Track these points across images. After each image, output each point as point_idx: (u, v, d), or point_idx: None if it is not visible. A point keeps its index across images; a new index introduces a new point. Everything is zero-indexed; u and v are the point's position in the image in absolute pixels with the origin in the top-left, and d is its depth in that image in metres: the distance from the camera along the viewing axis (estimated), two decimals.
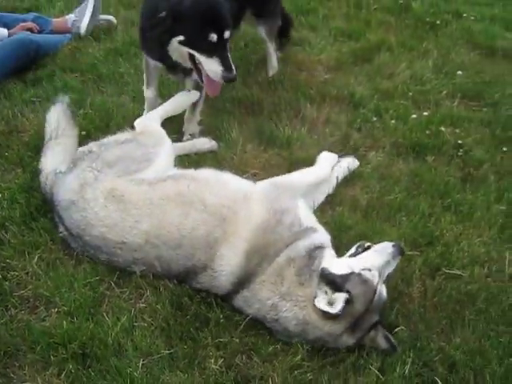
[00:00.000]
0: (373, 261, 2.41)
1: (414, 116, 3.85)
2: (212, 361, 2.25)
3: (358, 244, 2.56)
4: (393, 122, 3.79)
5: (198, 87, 3.41)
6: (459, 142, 3.63)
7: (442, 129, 3.73)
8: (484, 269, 2.79)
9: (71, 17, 4.52)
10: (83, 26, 4.47)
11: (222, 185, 2.73)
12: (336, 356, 2.32)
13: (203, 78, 3.13)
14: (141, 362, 2.22)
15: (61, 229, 2.73)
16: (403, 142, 3.61)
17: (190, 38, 2.96)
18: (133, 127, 3.32)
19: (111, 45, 4.42)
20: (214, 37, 2.91)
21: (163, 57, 3.20)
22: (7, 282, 2.56)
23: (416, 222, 3.00)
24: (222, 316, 2.42)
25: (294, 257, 2.44)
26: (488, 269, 2.79)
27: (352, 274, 2.34)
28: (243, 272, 2.44)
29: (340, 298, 2.26)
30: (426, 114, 3.90)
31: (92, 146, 2.95)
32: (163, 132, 3.11)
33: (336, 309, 2.24)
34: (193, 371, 2.23)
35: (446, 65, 4.56)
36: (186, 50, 3.02)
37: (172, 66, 3.30)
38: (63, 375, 2.20)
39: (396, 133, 3.69)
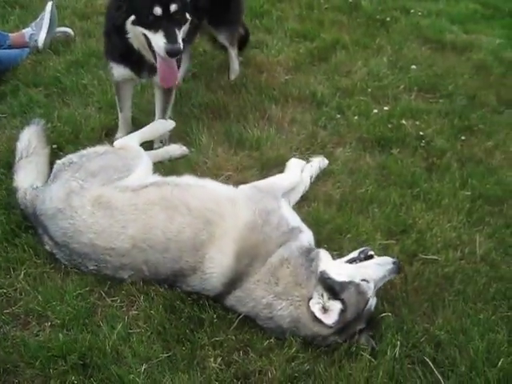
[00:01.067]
0: (372, 273, 2.51)
1: (376, 111, 4.00)
2: (211, 360, 2.31)
3: (361, 250, 2.65)
4: (356, 118, 3.93)
5: (165, 91, 3.47)
6: (421, 133, 3.80)
7: (403, 122, 3.89)
8: (457, 252, 2.95)
9: (28, 30, 4.44)
10: (41, 39, 4.41)
11: (203, 189, 2.80)
12: (329, 345, 2.41)
13: (157, 66, 3.10)
14: (142, 368, 2.26)
15: (45, 239, 2.73)
16: (368, 137, 3.75)
17: (139, 15, 2.96)
18: (101, 138, 3.41)
19: (71, 57, 4.38)
20: (157, 10, 2.89)
21: (127, 54, 3.20)
22: None
23: (388, 213, 3.14)
24: (215, 316, 2.48)
25: (287, 257, 2.52)
26: (461, 252, 2.96)
27: (351, 283, 2.42)
28: (234, 273, 2.51)
29: (335, 308, 2.36)
30: (386, 108, 4.05)
31: (72, 157, 2.99)
32: (141, 149, 3.20)
33: (330, 320, 2.34)
34: (193, 371, 2.28)
35: (400, 60, 4.74)
36: (139, 30, 3.01)
37: (137, 65, 3.30)
38: None
39: (360, 128, 3.83)
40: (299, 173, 3.27)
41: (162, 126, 3.54)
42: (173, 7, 2.93)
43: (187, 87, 4.14)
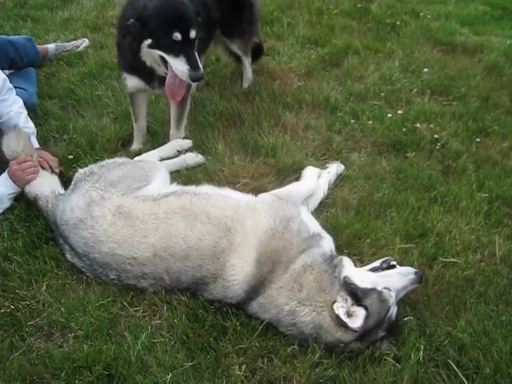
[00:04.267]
0: (395, 282, 2.51)
1: (390, 115, 4.00)
2: (236, 367, 2.31)
3: (384, 260, 2.66)
4: (370, 122, 3.94)
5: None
6: (435, 136, 3.79)
7: (418, 125, 3.89)
8: (477, 254, 2.94)
9: (52, 47, 4.60)
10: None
11: (222, 198, 2.81)
12: (353, 351, 2.41)
13: (166, 82, 3.14)
14: (168, 377, 2.26)
15: (66, 249, 2.77)
16: (383, 141, 3.76)
17: (156, 39, 3.00)
18: (117, 148, 3.48)
19: (84, 68, 4.43)
20: (177, 36, 2.94)
21: (139, 67, 3.23)
22: (19, 313, 2.56)
23: (406, 216, 3.13)
24: (238, 323, 2.48)
25: (311, 263, 2.52)
26: (480, 254, 2.95)
27: (373, 290, 2.43)
28: (256, 279, 2.51)
29: (360, 314, 2.35)
30: (400, 112, 4.06)
31: (92, 167, 3.05)
32: (159, 162, 3.28)
33: (356, 324, 2.33)
34: (218, 380, 2.29)
35: (412, 63, 4.75)
36: (156, 52, 3.05)
37: (149, 77, 3.33)
38: None
39: (375, 133, 3.83)
40: (315, 180, 3.28)
41: (179, 144, 3.62)
42: (192, 34, 2.98)
43: (201, 96, 4.18)
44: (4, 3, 5.57)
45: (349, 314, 2.37)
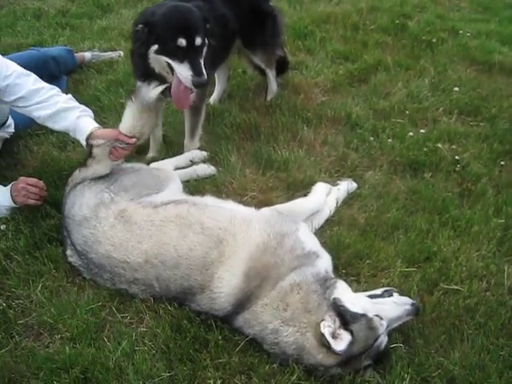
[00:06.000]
0: (388, 311, 2.42)
1: (411, 134, 3.90)
2: (211, 382, 2.29)
3: (386, 289, 2.57)
4: (390, 140, 3.85)
5: (193, 111, 3.55)
6: (456, 157, 3.67)
7: (439, 145, 3.77)
8: (483, 283, 2.81)
9: (88, 55, 4.76)
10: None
11: (220, 209, 2.80)
12: (333, 376, 2.33)
13: (171, 89, 3.15)
14: None
15: (68, 243, 2.82)
16: (400, 160, 3.66)
17: (162, 45, 3.02)
18: (133, 156, 3.51)
19: (112, 76, 4.53)
20: (182, 42, 2.96)
21: (150, 75, 3.25)
22: (11, 311, 2.63)
23: (413, 239, 3.03)
24: (220, 337, 2.46)
25: (299, 282, 2.45)
26: (487, 282, 2.81)
27: (363, 316, 2.34)
28: (243, 293, 2.47)
29: (345, 338, 2.27)
30: (423, 131, 3.95)
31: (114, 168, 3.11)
32: (174, 172, 3.32)
33: (339, 347, 2.24)
34: None
35: (443, 82, 4.62)
36: (162, 58, 3.07)
37: (159, 85, 3.32)
38: None
39: (393, 151, 3.74)
40: (324, 196, 3.22)
41: (194, 155, 3.65)
42: (197, 40, 2.99)
43: (222, 107, 4.19)
44: (48, 11, 5.78)
45: (334, 336, 2.29)
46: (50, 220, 3.08)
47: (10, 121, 3.63)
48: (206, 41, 3.05)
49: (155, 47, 3.03)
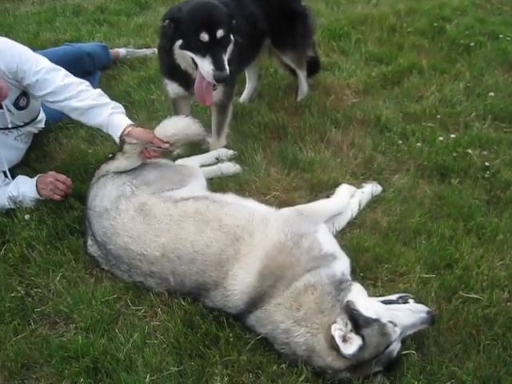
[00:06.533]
0: (402, 317, 2.37)
1: (441, 138, 3.82)
2: (218, 378, 2.29)
3: (401, 295, 2.52)
4: (418, 144, 3.78)
5: (219, 109, 3.56)
6: (486, 164, 3.57)
7: (469, 151, 3.68)
8: (504, 293, 2.72)
9: (122, 51, 4.85)
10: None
11: (239, 207, 2.81)
12: (342, 380, 2.30)
13: (194, 85, 3.17)
14: (148, 378, 2.28)
15: (89, 233, 2.88)
16: (428, 165, 3.59)
17: (186, 40, 3.06)
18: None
19: (144, 73, 4.59)
20: (204, 36, 2.98)
21: (176, 71, 3.30)
22: (30, 298, 2.70)
23: (435, 245, 2.97)
24: (231, 335, 2.46)
25: (314, 283, 2.43)
26: (508, 292, 2.73)
27: (376, 321, 2.29)
28: (256, 292, 2.47)
29: (356, 342, 2.23)
30: (453, 136, 3.86)
31: None
32: (199, 169, 3.33)
33: (348, 351, 2.21)
34: None
35: (478, 86, 4.49)
36: (186, 53, 3.10)
37: (186, 82, 3.38)
38: None
39: (421, 155, 3.67)
40: (347, 198, 3.19)
41: (220, 153, 3.67)
42: (219, 33, 3.01)
43: (251, 106, 4.19)
44: (87, 8, 5.90)
45: (344, 339, 2.26)
46: (73, 212, 3.15)
47: (41, 116, 3.70)
48: (232, 37, 3.06)
49: (179, 42, 3.06)
